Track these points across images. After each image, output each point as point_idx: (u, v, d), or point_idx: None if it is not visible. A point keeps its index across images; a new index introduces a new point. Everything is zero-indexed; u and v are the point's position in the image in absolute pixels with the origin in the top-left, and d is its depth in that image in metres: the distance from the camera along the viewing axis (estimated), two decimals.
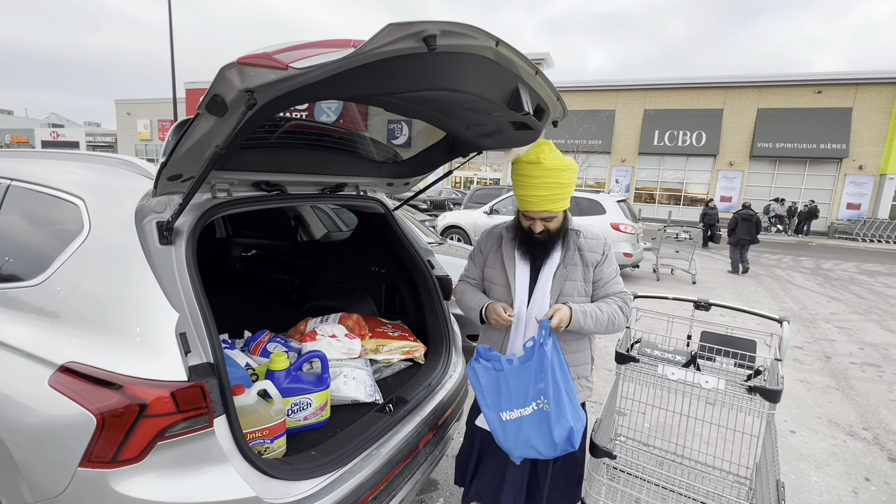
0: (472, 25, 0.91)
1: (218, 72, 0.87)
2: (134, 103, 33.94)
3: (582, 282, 1.55)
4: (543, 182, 1.41)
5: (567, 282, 1.53)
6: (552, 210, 1.46)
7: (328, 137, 1.75)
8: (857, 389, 3.73)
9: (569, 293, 1.53)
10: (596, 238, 1.60)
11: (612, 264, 1.60)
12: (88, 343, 1.12)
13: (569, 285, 1.53)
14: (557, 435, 1.40)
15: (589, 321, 1.48)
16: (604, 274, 1.57)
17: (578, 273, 1.55)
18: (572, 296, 1.53)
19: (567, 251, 1.54)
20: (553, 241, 1.53)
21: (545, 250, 1.53)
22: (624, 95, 21.71)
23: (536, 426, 1.41)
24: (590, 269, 1.55)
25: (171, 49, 14.03)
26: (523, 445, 1.42)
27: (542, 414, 1.42)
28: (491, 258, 1.65)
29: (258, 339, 1.94)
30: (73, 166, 1.53)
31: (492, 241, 1.67)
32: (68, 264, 1.23)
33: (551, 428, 1.40)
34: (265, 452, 1.36)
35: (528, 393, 1.42)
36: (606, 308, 1.52)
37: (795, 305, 6.60)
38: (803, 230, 18.08)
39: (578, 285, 1.54)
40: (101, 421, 1.02)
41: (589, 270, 1.55)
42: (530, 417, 1.42)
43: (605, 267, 1.57)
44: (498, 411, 1.44)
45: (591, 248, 1.57)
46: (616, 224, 7.07)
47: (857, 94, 18.36)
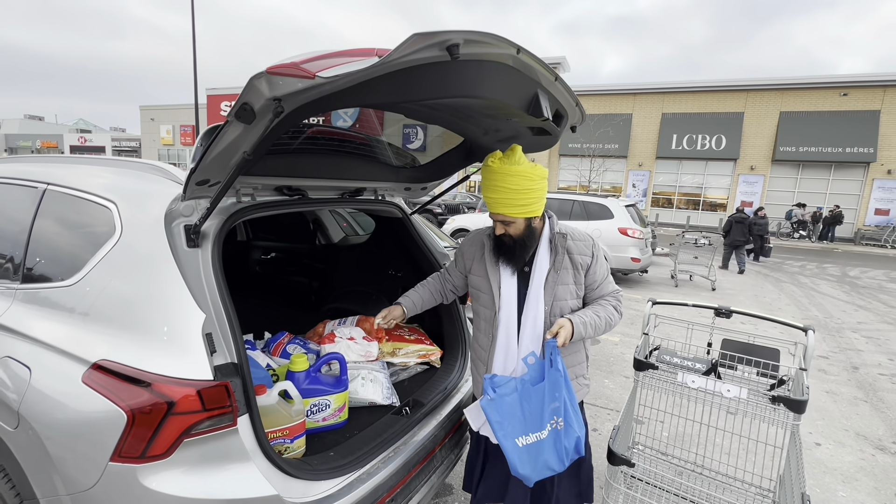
0: (494, 34, 0.93)
1: (248, 81, 0.90)
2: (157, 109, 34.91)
3: (573, 285, 1.54)
4: (501, 186, 1.41)
5: (559, 286, 1.52)
6: (507, 214, 1.45)
7: (348, 143, 1.79)
8: (886, 402, 3.60)
9: (562, 297, 1.52)
10: (583, 239, 1.59)
11: (602, 264, 1.58)
12: (119, 342, 1.16)
13: (561, 289, 1.52)
14: (568, 447, 1.40)
15: (589, 331, 1.48)
16: (596, 276, 1.56)
17: (569, 276, 1.54)
18: (566, 299, 1.53)
19: (556, 255, 1.53)
20: (517, 248, 1.51)
21: (511, 256, 1.52)
22: (641, 99, 21.46)
23: (552, 446, 1.40)
24: (580, 271, 1.54)
25: (194, 56, 14.42)
26: (542, 469, 1.38)
27: (556, 434, 1.41)
28: (475, 265, 1.64)
29: (278, 341, 1.97)
30: (105, 171, 1.58)
31: (475, 248, 1.66)
32: (101, 266, 1.28)
33: (563, 442, 1.40)
34: (285, 452, 1.38)
35: (543, 415, 1.40)
36: (603, 312, 1.53)
37: (820, 314, 6.41)
38: (828, 236, 17.54)
39: (570, 288, 1.54)
40: (132, 417, 1.05)
41: (580, 273, 1.54)
42: (547, 440, 1.40)
43: (596, 268, 1.56)
44: (514, 438, 1.38)
45: (580, 250, 1.55)
46: (624, 229, 7.06)
47: (886, 95, 17.78)
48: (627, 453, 1.83)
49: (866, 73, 18.36)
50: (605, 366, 4.00)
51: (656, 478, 1.88)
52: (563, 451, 1.40)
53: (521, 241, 1.51)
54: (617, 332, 5.01)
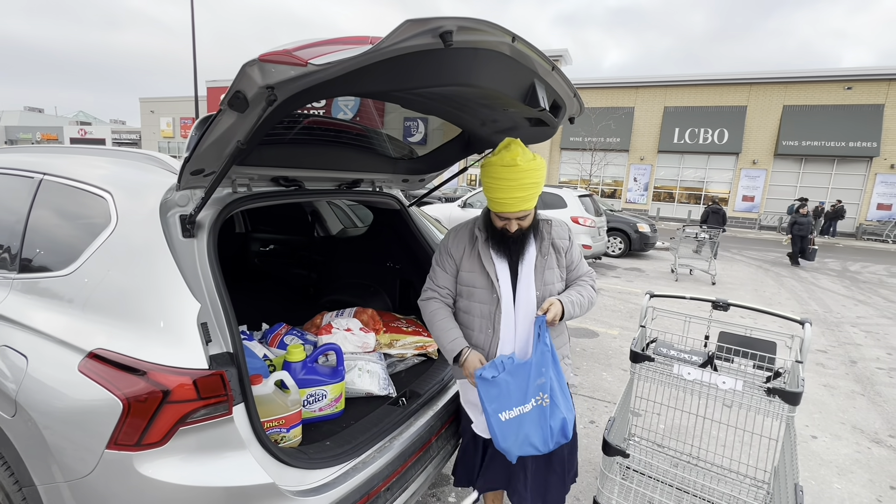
0: (489, 21, 0.92)
1: (240, 69, 0.90)
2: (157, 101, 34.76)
3: (557, 268, 1.59)
4: (520, 184, 1.38)
5: (547, 270, 1.56)
6: (528, 209, 1.47)
7: (345, 134, 1.78)
8: (883, 396, 3.61)
9: (550, 281, 1.56)
10: (560, 225, 1.66)
11: (577, 247, 1.68)
12: (115, 330, 1.16)
13: (549, 273, 1.56)
14: (553, 427, 1.42)
15: (576, 310, 1.54)
16: (573, 257, 1.64)
17: (554, 260, 1.58)
18: (553, 283, 1.57)
19: (542, 241, 1.56)
20: (526, 236, 1.54)
21: (520, 246, 1.53)
22: (643, 92, 21.31)
23: (536, 422, 1.43)
24: (562, 255, 1.61)
25: (194, 48, 14.34)
26: (523, 443, 1.42)
27: (540, 410, 1.43)
28: (466, 261, 1.58)
29: (275, 332, 1.98)
30: (100, 161, 1.58)
31: (464, 244, 1.60)
32: (97, 255, 1.28)
33: (548, 421, 1.42)
34: (281, 441, 1.39)
35: (527, 390, 1.43)
36: (585, 292, 1.59)
37: (820, 308, 6.41)
38: (829, 231, 17.50)
39: (556, 272, 1.59)
40: (127, 406, 1.06)
41: (562, 257, 1.61)
42: (530, 414, 1.43)
43: (573, 250, 1.64)
44: (497, 413, 1.42)
45: (559, 234, 1.62)
46: (576, 217, 7.71)
47: (890, 89, 17.63)
48: (623, 444, 1.84)
49: (870, 66, 18.18)
50: (604, 359, 4.01)
51: (652, 469, 1.89)
52: (549, 430, 1.42)
53: (529, 229, 1.53)
54: (615, 325, 5.02)
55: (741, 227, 19.77)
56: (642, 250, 10.04)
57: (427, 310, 1.62)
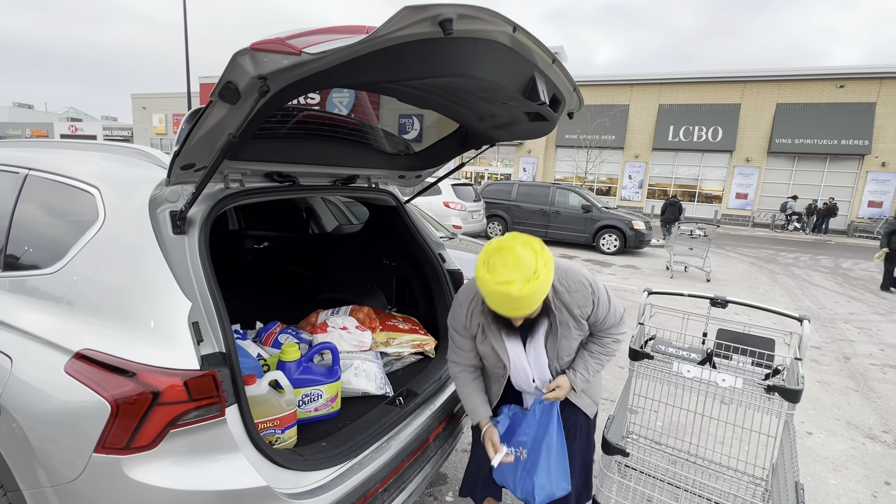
0: (490, 10, 0.89)
1: (231, 58, 0.86)
2: (149, 98, 34.36)
3: (576, 330, 1.48)
4: (520, 305, 1.24)
5: (563, 340, 1.47)
6: (535, 308, 1.30)
7: (340, 128, 1.74)
8: (877, 391, 3.63)
9: (566, 350, 1.50)
10: (580, 290, 1.43)
11: (603, 307, 1.47)
12: (103, 330, 1.13)
13: (565, 343, 1.48)
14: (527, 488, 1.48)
15: (591, 379, 1.56)
16: (598, 316, 1.48)
17: (570, 328, 1.46)
18: (571, 349, 1.52)
19: (552, 316, 1.43)
20: (536, 322, 1.44)
21: (529, 331, 1.46)
22: (638, 90, 21.34)
23: (513, 471, 1.52)
24: (581, 321, 1.47)
25: (186, 43, 14.16)
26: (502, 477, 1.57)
27: (518, 463, 1.51)
28: (479, 335, 1.53)
29: (270, 330, 1.94)
30: (88, 156, 1.53)
31: (477, 320, 1.50)
32: (84, 253, 1.24)
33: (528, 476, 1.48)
34: (276, 442, 1.36)
35: (515, 440, 1.53)
36: (605, 355, 1.55)
37: (813, 305, 6.45)
38: (822, 228, 17.65)
39: (574, 337, 1.49)
40: (115, 408, 1.02)
41: (581, 322, 1.47)
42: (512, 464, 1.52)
43: (598, 312, 1.47)
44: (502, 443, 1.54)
45: (577, 302, 1.43)
46: (447, 202, 9.27)
47: (882, 88, 17.77)
48: (622, 443, 1.83)
49: (862, 64, 18.31)
50: None
51: (650, 467, 1.88)
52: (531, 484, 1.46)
53: (538, 317, 1.44)
54: None
55: (735, 224, 19.89)
56: (637, 247, 10.07)
57: (451, 372, 1.66)
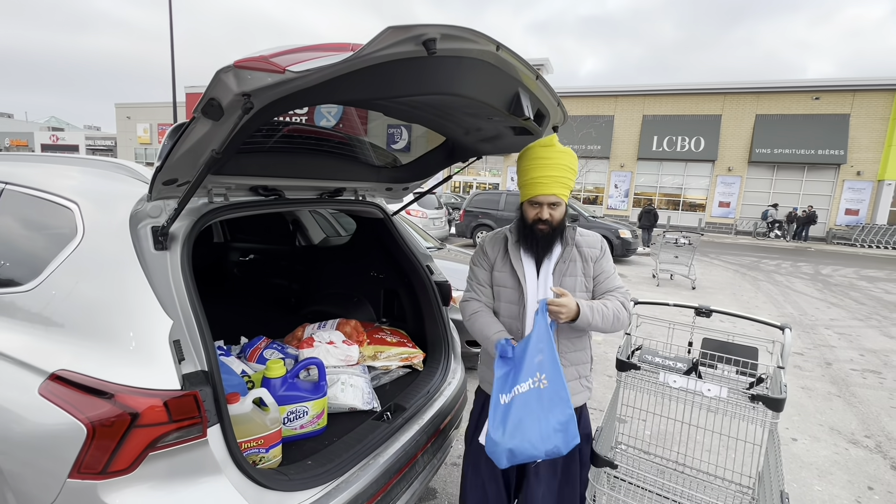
0: (473, 29, 0.90)
1: (214, 75, 0.86)
2: (134, 107, 33.97)
3: (582, 276, 1.56)
4: (555, 163, 1.45)
5: (566, 277, 1.54)
6: (560, 194, 1.48)
7: (327, 142, 1.74)
8: (858, 396, 3.70)
9: (569, 288, 1.53)
10: (591, 235, 1.64)
11: (609, 259, 1.63)
12: (80, 350, 1.10)
13: (568, 280, 1.54)
14: (556, 420, 1.29)
15: (596, 316, 1.47)
16: (603, 268, 1.59)
17: (578, 268, 1.56)
18: (573, 290, 1.53)
19: (565, 246, 1.56)
20: (554, 234, 1.54)
21: (547, 244, 1.53)
22: (622, 101, 21.78)
23: (534, 406, 1.31)
24: (589, 263, 1.57)
25: (172, 52, 14.07)
26: (513, 433, 1.29)
27: (539, 393, 1.32)
28: (499, 262, 1.64)
29: (255, 346, 1.91)
30: (68, 170, 1.51)
31: (498, 246, 1.66)
32: (61, 270, 1.21)
33: (548, 412, 1.30)
34: (260, 462, 1.33)
35: (527, 369, 1.35)
36: (611, 304, 1.52)
37: (795, 311, 6.58)
38: (802, 235, 18.10)
39: (578, 280, 1.56)
40: (92, 430, 0.99)
41: (588, 265, 1.57)
42: (526, 396, 1.32)
43: (603, 261, 1.60)
44: (498, 395, 1.38)
45: (588, 243, 1.60)
46: (408, 210, 9.30)
47: (855, 100, 18.43)
48: (611, 454, 1.83)
49: (836, 77, 18.98)
50: None
51: (639, 478, 1.88)
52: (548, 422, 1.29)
53: (558, 228, 1.53)
54: None
55: (718, 231, 20.28)
56: (624, 256, 10.19)
57: (468, 310, 1.64)
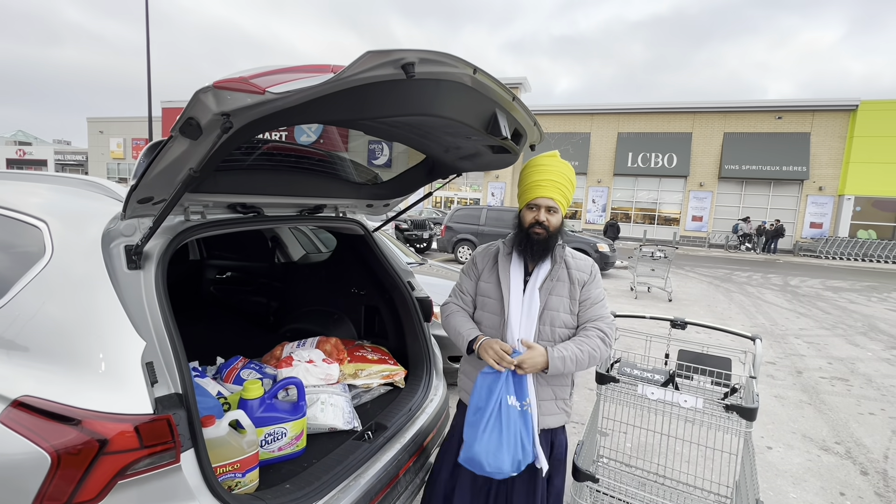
0: (450, 54, 0.93)
1: (193, 95, 0.86)
2: (107, 121, 33.20)
3: (567, 298, 1.55)
4: (557, 171, 1.52)
5: (552, 296, 1.54)
6: (558, 200, 1.52)
7: (307, 159, 1.74)
8: (827, 404, 3.83)
9: (554, 307, 1.53)
10: (583, 258, 1.64)
11: (598, 286, 1.61)
12: (47, 375, 1.05)
13: (554, 300, 1.54)
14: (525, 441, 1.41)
15: (569, 365, 1.45)
16: (591, 294, 1.57)
17: (564, 289, 1.56)
18: (557, 311, 1.53)
19: (554, 264, 1.57)
20: (549, 242, 1.54)
21: (542, 250, 1.54)
22: (598, 119, 22.48)
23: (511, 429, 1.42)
24: (576, 287, 1.56)
25: (148, 66, 13.88)
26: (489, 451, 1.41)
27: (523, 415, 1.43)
28: (486, 273, 1.66)
29: (231, 366, 1.86)
30: (37, 188, 1.47)
31: (488, 257, 1.69)
32: (28, 290, 1.17)
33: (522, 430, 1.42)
34: (236, 487, 1.29)
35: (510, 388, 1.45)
36: (588, 344, 1.49)
37: (766, 321, 6.80)
38: (771, 248, 18.80)
39: (564, 301, 1.55)
40: (57, 459, 0.95)
41: (576, 288, 1.56)
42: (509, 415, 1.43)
43: (591, 287, 1.58)
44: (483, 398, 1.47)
45: (578, 266, 1.59)
46: None
47: (815, 119, 19.48)
48: (592, 467, 1.84)
49: (796, 98, 20.06)
50: None
51: (620, 491, 1.89)
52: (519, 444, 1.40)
53: (554, 236, 1.55)
54: None
55: (692, 245, 20.89)
56: (603, 269, 10.38)
57: (445, 311, 1.69)
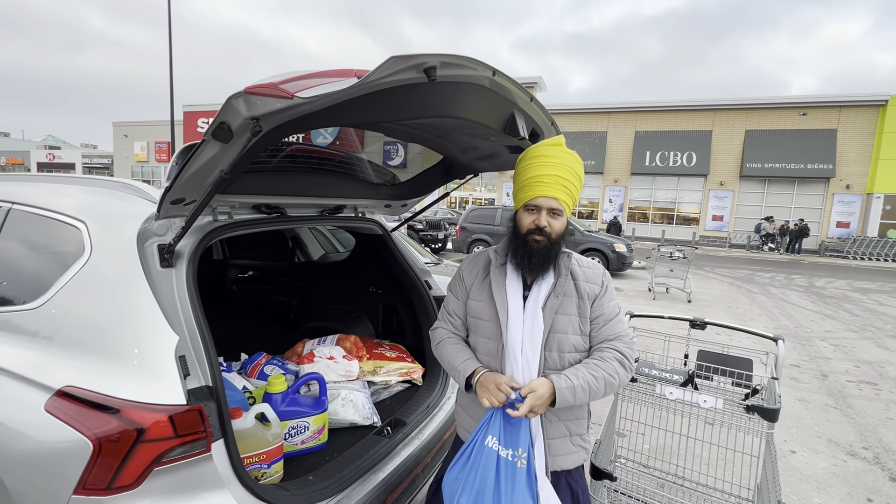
0: (470, 57, 0.96)
1: (226, 101, 0.90)
2: (131, 125, 34.25)
3: (576, 317, 1.27)
4: (561, 163, 1.22)
5: (559, 315, 1.26)
6: (563, 200, 1.23)
7: (328, 161, 1.79)
8: (855, 408, 3.72)
9: (561, 329, 1.26)
10: (592, 266, 1.35)
11: (612, 299, 1.32)
12: (87, 366, 1.11)
13: (561, 320, 1.26)
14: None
15: (581, 396, 1.18)
16: (604, 309, 1.29)
17: (572, 305, 1.28)
18: (565, 333, 1.26)
19: (559, 277, 1.28)
20: (551, 251, 1.25)
21: (542, 261, 1.25)
22: (615, 117, 22.19)
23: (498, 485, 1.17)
24: (586, 302, 1.28)
25: (171, 71, 14.27)
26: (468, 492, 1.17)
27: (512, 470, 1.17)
28: (475, 289, 1.36)
29: (255, 362, 1.92)
30: (74, 190, 1.54)
31: (477, 269, 1.39)
32: (68, 287, 1.24)
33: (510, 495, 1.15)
34: (262, 478, 1.34)
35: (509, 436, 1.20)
36: (602, 370, 1.22)
37: (790, 323, 6.62)
38: (795, 248, 18.29)
39: (573, 320, 1.27)
40: (98, 446, 1.01)
41: (585, 304, 1.28)
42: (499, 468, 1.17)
43: (604, 301, 1.30)
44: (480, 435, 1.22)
45: (587, 277, 1.31)
46: None
47: (841, 115, 18.87)
48: (610, 467, 1.84)
49: (822, 94, 19.48)
50: None
51: (639, 491, 1.89)
52: None
53: (557, 244, 1.27)
54: None
55: (712, 245, 20.45)
56: (620, 270, 10.25)
57: (435, 339, 1.41)
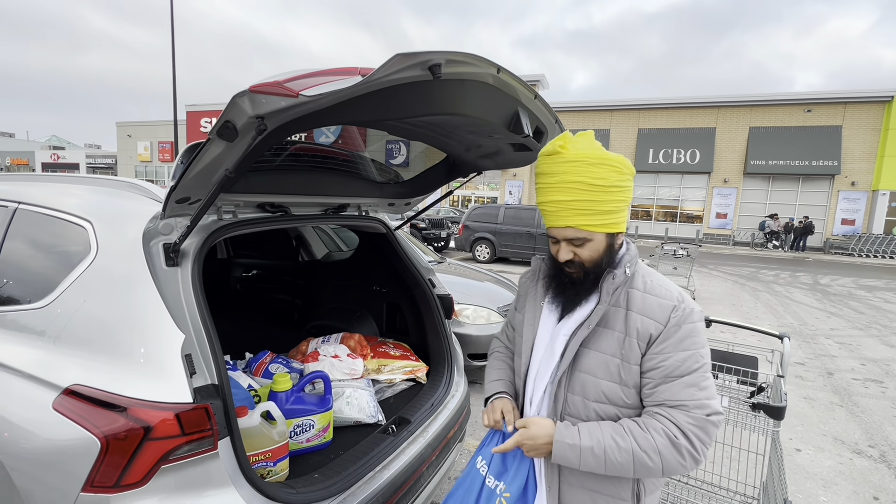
0: (475, 54, 0.95)
1: (230, 100, 0.90)
2: (134, 125, 34.40)
3: (617, 358, 0.96)
4: (563, 180, 0.93)
5: (589, 351, 0.98)
6: (579, 226, 0.95)
7: (331, 159, 1.79)
8: (860, 406, 3.70)
9: (589, 369, 0.97)
10: (661, 294, 0.97)
11: (686, 349, 0.92)
12: (94, 365, 1.12)
13: (591, 357, 0.97)
14: None
15: (587, 459, 0.90)
16: (667, 359, 0.92)
17: (612, 343, 0.96)
18: (595, 375, 0.97)
19: (600, 302, 0.97)
20: (586, 281, 1.00)
21: (575, 294, 1.01)
22: (617, 115, 22.12)
23: None
24: (636, 342, 0.94)
25: (174, 71, 14.31)
26: None
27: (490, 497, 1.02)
28: (521, 300, 1.19)
29: (260, 360, 1.93)
30: (80, 189, 1.55)
31: (527, 278, 1.21)
32: (75, 286, 1.24)
33: None
34: (268, 475, 1.34)
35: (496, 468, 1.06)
36: (634, 439, 0.89)
37: (795, 321, 6.59)
38: (799, 246, 18.19)
39: (610, 363, 0.96)
40: (106, 444, 1.01)
41: (633, 344, 0.94)
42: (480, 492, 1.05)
43: (667, 347, 0.92)
44: None
45: (646, 308, 0.95)
46: None
47: (846, 112, 18.74)
48: None
49: (827, 90, 19.35)
50: None
51: None
52: None
53: (594, 271, 0.99)
54: None
55: (716, 243, 20.37)
56: None
57: (489, 350, 1.32)
